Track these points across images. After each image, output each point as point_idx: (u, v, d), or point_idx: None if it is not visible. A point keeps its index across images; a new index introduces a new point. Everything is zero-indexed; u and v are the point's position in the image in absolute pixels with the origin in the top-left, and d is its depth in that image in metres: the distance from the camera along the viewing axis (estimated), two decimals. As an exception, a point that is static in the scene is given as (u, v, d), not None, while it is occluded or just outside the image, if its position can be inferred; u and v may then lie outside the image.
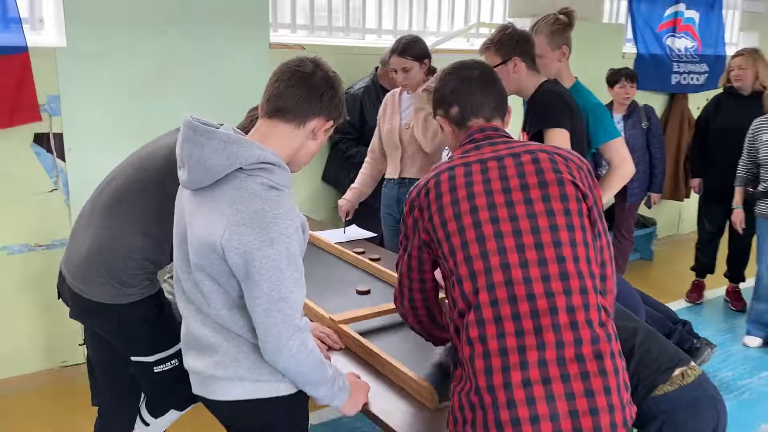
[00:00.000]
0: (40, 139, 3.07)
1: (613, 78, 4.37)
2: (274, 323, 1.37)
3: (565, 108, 2.33)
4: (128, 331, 1.91)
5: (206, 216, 1.41)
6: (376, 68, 3.75)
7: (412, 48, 2.91)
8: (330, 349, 1.88)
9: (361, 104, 3.64)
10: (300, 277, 1.41)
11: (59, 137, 3.11)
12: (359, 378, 1.66)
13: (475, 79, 1.57)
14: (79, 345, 2.10)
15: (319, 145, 1.55)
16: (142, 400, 2.09)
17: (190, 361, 1.55)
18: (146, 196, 1.85)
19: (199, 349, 1.51)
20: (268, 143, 1.45)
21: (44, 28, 3.18)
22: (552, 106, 2.33)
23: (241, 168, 1.39)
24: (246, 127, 1.85)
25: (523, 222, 1.37)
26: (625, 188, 4.42)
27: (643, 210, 4.92)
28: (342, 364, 1.81)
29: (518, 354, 1.30)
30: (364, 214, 3.25)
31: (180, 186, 1.53)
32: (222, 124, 1.52)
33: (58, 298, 2.01)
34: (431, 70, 3.00)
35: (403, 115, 3.07)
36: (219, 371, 1.47)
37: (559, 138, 2.30)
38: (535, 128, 2.37)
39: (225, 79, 3.47)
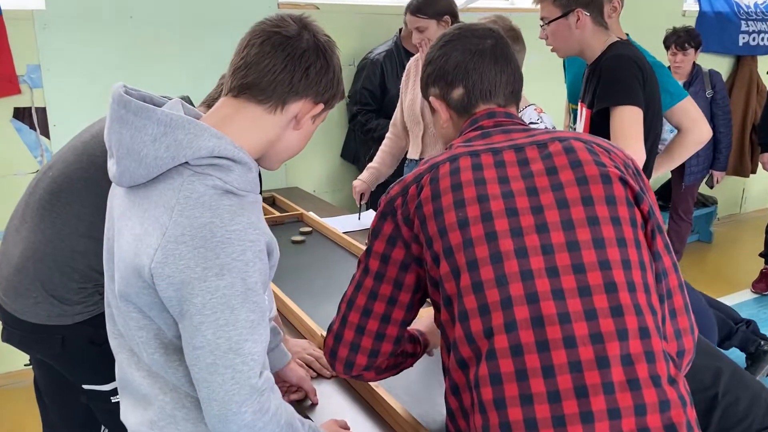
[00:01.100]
0: (21, 114, 2.77)
1: (666, 41, 3.86)
2: (220, 383, 0.98)
3: (638, 76, 1.91)
4: (75, 358, 1.56)
5: (136, 227, 1.02)
6: (400, 30, 3.32)
7: (427, 5, 2.46)
8: (320, 376, 1.52)
9: (382, 71, 3.22)
10: (260, 320, 1.01)
11: (42, 111, 2.80)
12: (346, 427, 1.29)
13: (488, 52, 1.19)
14: (25, 365, 1.76)
15: (306, 137, 1.15)
16: (103, 429, 1.76)
17: (124, 412, 1.18)
18: (92, 187, 1.48)
19: (135, 398, 1.15)
20: (230, 130, 1.06)
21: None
22: (623, 76, 1.90)
23: (187, 163, 1.01)
24: (215, 99, 1.48)
25: (556, 234, 0.99)
26: (682, 166, 3.93)
27: (703, 188, 4.41)
28: (331, 396, 1.44)
29: (554, 429, 0.91)
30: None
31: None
32: (171, 99, 1.14)
33: None
34: None
35: None
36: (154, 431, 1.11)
37: (628, 117, 1.88)
38: (600, 104, 1.95)
39: (226, 42, 3.06)
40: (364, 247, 2.18)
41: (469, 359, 0.99)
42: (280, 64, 1.06)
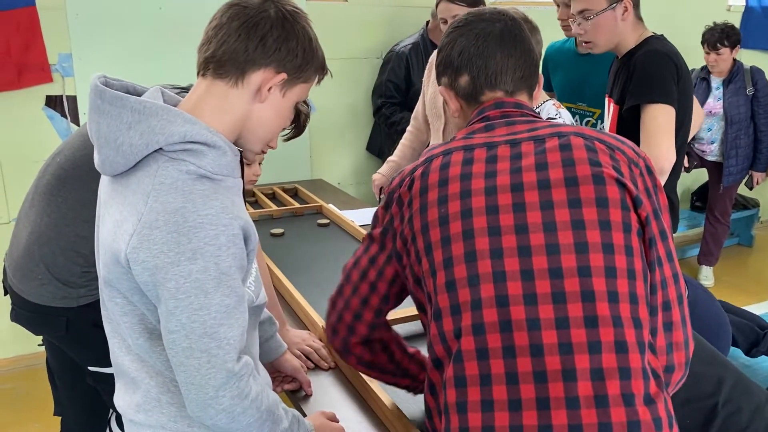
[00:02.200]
0: (53, 102, 2.85)
1: (702, 39, 3.74)
2: (196, 366, 0.98)
3: (673, 73, 1.84)
4: (79, 340, 1.60)
5: (116, 214, 1.04)
6: (427, 23, 3.29)
7: None
8: (317, 367, 1.52)
9: (407, 64, 3.20)
10: (236, 305, 1.01)
11: (73, 100, 2.88)
12: (334, 420, 1.28)
13: (495, 36, 1.13)
14: (39, 345, 1.81)
15: (278, 112, 1.12)
16: (111, 412, 1.80)
17: (116, 395, 1.20)
18: (96, 174, 1.49)
19: (125, 381, 1.17)
20: (202, 112, 1.06)
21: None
22: (657, 73, 1.83)
23: (162, 149, 1.01)
24: None
25: (536, 236, 0.94)
26: (720, 167, 3.81)
27: (743, 190, 4.25)
28: (326, 388, 1.44)
29: None
30: None
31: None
32: (155, 87, 1.14)
33: (5, 295, 1.72)
34: None
35: None
36: (140, 415, 1.12)
37: (661, 116, 1.81)
38: (632, 101, 1.87)
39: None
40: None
41: (442, 358, 0.97)
42: (234, 33, 1.05)
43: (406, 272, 1.07)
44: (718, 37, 3.65)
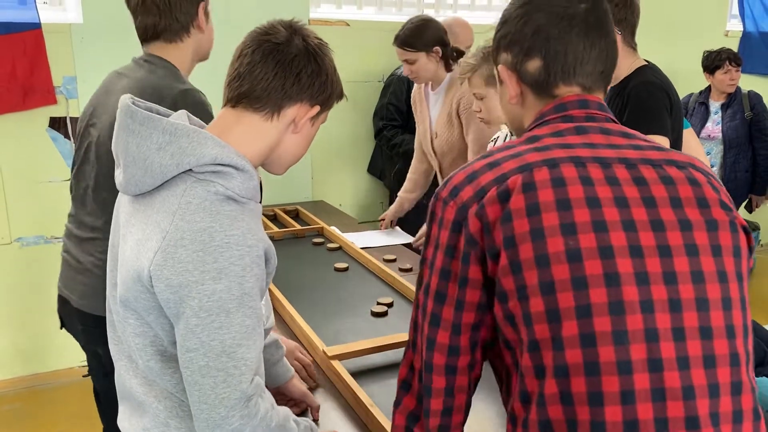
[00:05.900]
0: (56, 124, 2.87)
1: (714, 63, 3.77)
2: (212, 385, 0.99)
3: (667, 104, 1.87)
4: None
5: (138, 232, 1.05)
6: (428, 46, 3.33)
7: (414, 36, 2.39)
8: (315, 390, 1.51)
9: (408, 87, 3.23)
10: (255, 326, 1.02)
11: (76, 122, 2.88)
12: (336, 441, 1.28)
13: (580, 19, 0.96)
14: (83, 377, 1.83)
15: (307, 140, 1.17)
16: None
17: (120, 418, 1.20)
18: None
19: (131, 405, 1.17)
20: (231, 138, 1.08)
21: (61, 3, 2.96)
22: (653, 105, 1.86)
23: (191, 170, 1.03)
24: None
25: (685, 287, 0.85)
26: (720, 189, 3.82)
27: (743, 213, 4.26)
28: (328, 413, 1.43)
29: None
30: (415, 212, 2.86)
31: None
32: (181, 111, 1.16)
33: (61, 328, 1.77)
34: (454, 55, 2.46)
35: (432, 117, 2.62)
36: None
37: None
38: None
39: (257, 59, 3.15)
40: (381, 264, 2.20)
41: (556, 422, 0.83)
42: (272, 71, 1.08)
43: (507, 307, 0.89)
44: (728, 55, 3.71)
